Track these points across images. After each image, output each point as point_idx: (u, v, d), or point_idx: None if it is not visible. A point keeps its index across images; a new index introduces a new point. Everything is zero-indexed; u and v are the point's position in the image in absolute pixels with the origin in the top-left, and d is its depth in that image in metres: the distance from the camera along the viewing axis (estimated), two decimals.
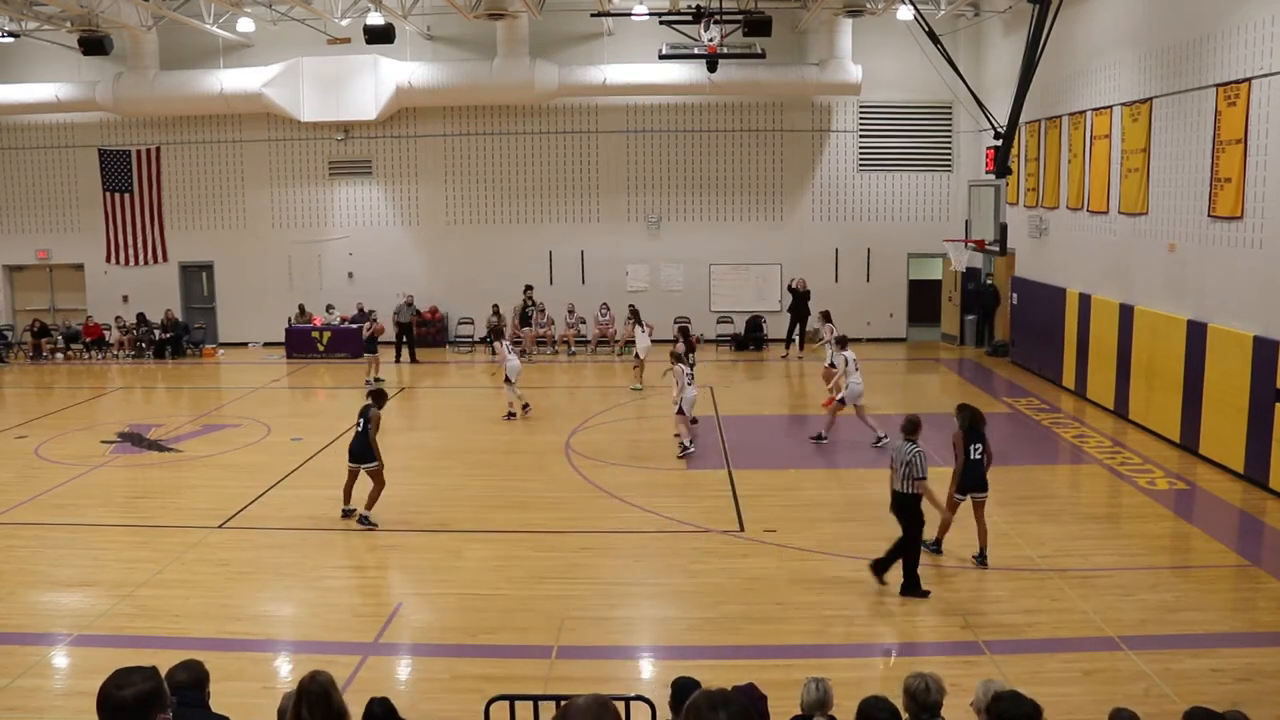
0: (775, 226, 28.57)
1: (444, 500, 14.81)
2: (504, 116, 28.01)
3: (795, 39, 27.18)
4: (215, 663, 5.99)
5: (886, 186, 28.57)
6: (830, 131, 28.39)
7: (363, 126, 27.83)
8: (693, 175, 28.37)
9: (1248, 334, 15.16)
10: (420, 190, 28.43)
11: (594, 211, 28.47)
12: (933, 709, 5.74)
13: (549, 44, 26.93)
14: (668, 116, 28.14)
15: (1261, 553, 12.88)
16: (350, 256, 28.56)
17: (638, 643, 10.31)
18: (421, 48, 27.04)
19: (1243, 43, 15.39)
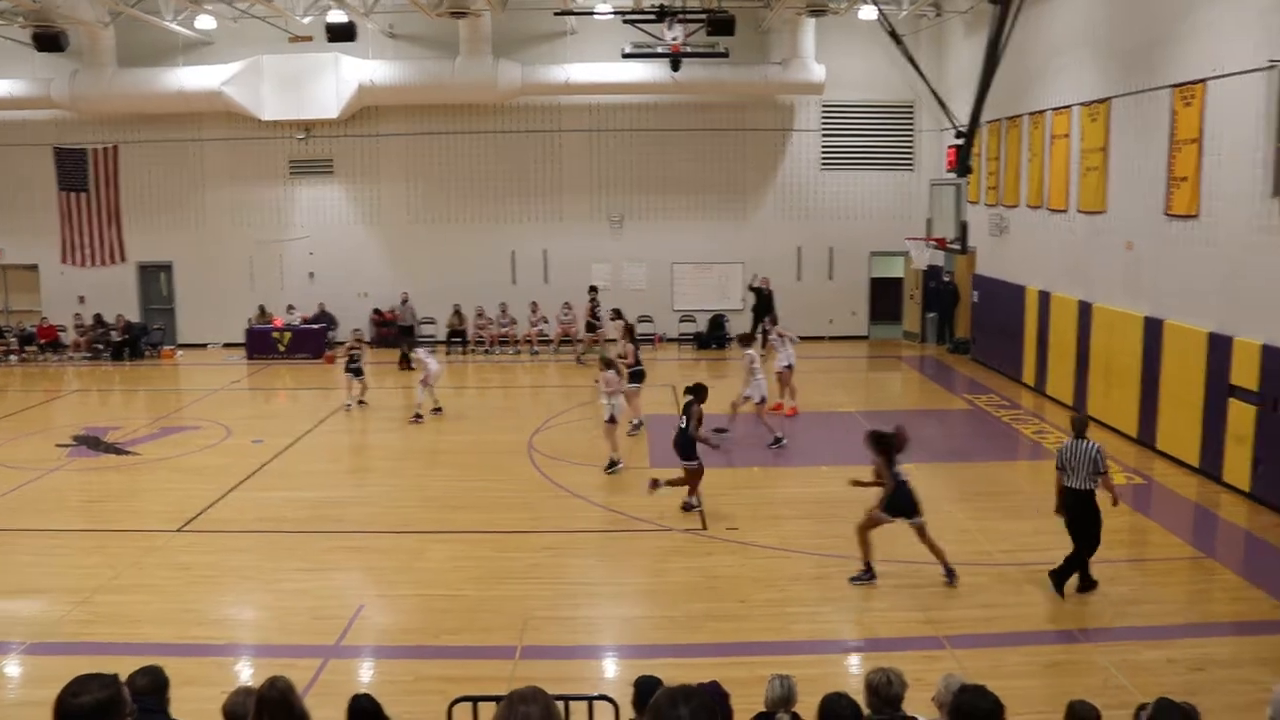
0: (738, 225, 28.64)
1: (406, 501, 14.74)
2: (467, 115, 27.90)
3: (758, 38, 27.24)
4: (175, 668, 5.93)
5: (849, 185, 28.70)
6: (793, 130, 28.49)
7: (324, 125, 27.63)
8: (656, 174, 28.39)
9: (1202, 330, 15.36)
10: (382, 190, 28.27)
11: (557, 211, 28.42)
12: (895, 703, 5.78)
13: (512, 43, 26.85)
14: (631, 116, 28.14)
15: (1215, 545, 13.08)
16: (311, 256, 28.33)
17: (601, 642, 10.31)
18: (383, 46, 26.89)
19: (1197, 45, 15.60)
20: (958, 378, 23.73)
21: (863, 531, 11.51)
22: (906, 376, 24.43)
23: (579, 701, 7.07)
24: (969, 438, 18.30)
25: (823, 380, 22.46)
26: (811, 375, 22.99)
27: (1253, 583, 11.46)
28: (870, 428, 12.11)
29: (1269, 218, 13.93)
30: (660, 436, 17.96)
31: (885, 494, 11.39)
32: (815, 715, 5.61)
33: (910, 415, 19.47)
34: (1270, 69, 13.61)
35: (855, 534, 11.55)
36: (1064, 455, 11.05)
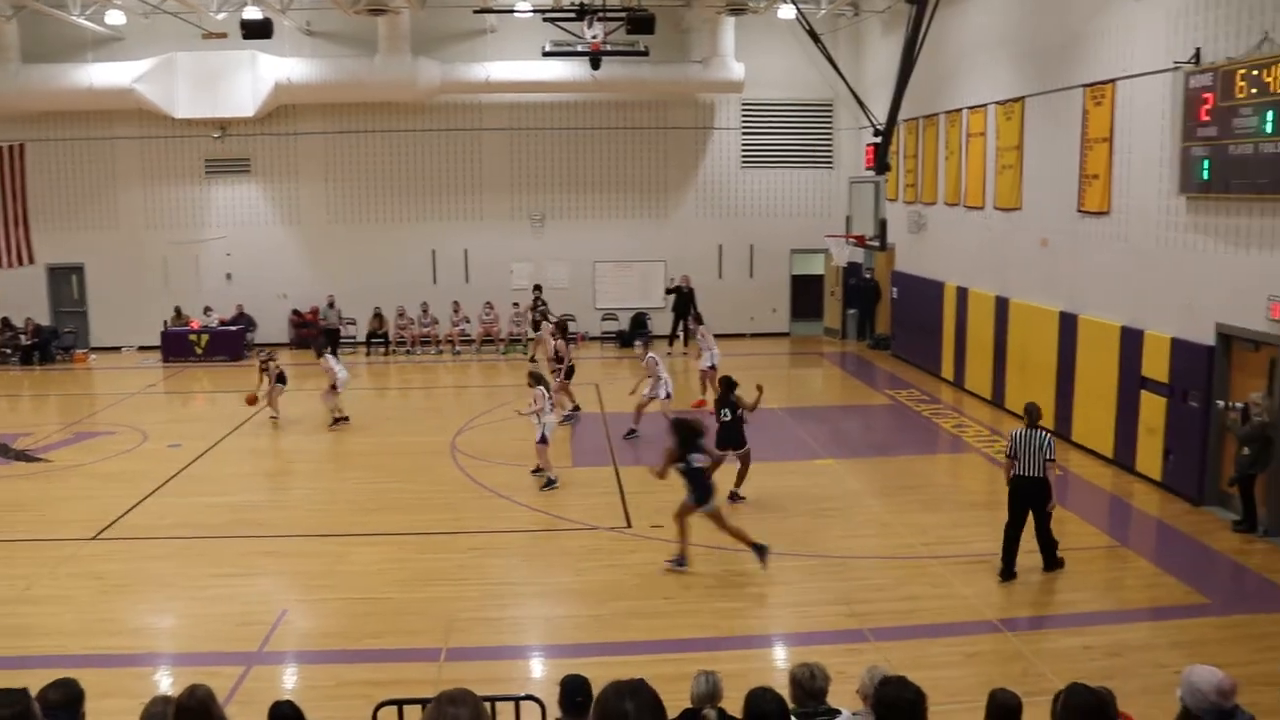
0: (659, 224, 28.72)
1: (328, 504, 14.57)
2: (386, 114, 27.61)
3: (678, 37, 27.32)
4: (91, 680, 5.79)
5: (769, 183, 28.94)
6: (713, 129, 28.64)
7: (240, 124, 27.13)
8: (577, 173, 28.36)
9: (1115, 325, 15.73)
10: (301, 189, 27.86)
11: (478, 210, 28.26)
12: (819, 696, 5.83)
13: (431, 40, 26.62)
14: (551, 114, 28.07)
15: (1129, 534, 13.42)
16: (229, 257, 27.81)
17: (527, 642, 10.29)
18: (301, 43, 26.49)
19: (1107, 46, 15.97)
20: (878, 373, 24.03)
21: (679, 519, 11.79)
22: (828, 373, 24.69)
23: (505, 702, 7.04)
24: (889, 432, 18.55)
25: (745, 378, 22.43)
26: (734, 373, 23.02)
27: (1165, 569, 11.77)
28: (676, 416, 12.71)
29: (1176, 214, 14.31)
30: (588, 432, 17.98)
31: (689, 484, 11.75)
32: (741, 710, 5.65)
33: (832, 411, 19.71)
34: (1175, 70, 13.97)
35: (673, 521, 11.85)
36: (1016, 444, 11.36)
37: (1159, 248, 14.76)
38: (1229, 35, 13.05)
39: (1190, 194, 13.89)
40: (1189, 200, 14.00)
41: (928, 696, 5.43)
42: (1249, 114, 12.43)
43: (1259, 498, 12.81)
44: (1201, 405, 13.84)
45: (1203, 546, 12.54)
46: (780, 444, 17.08)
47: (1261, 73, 12.16)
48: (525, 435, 18.05)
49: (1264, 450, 12.48)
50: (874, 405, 20.64)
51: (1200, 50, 13.52)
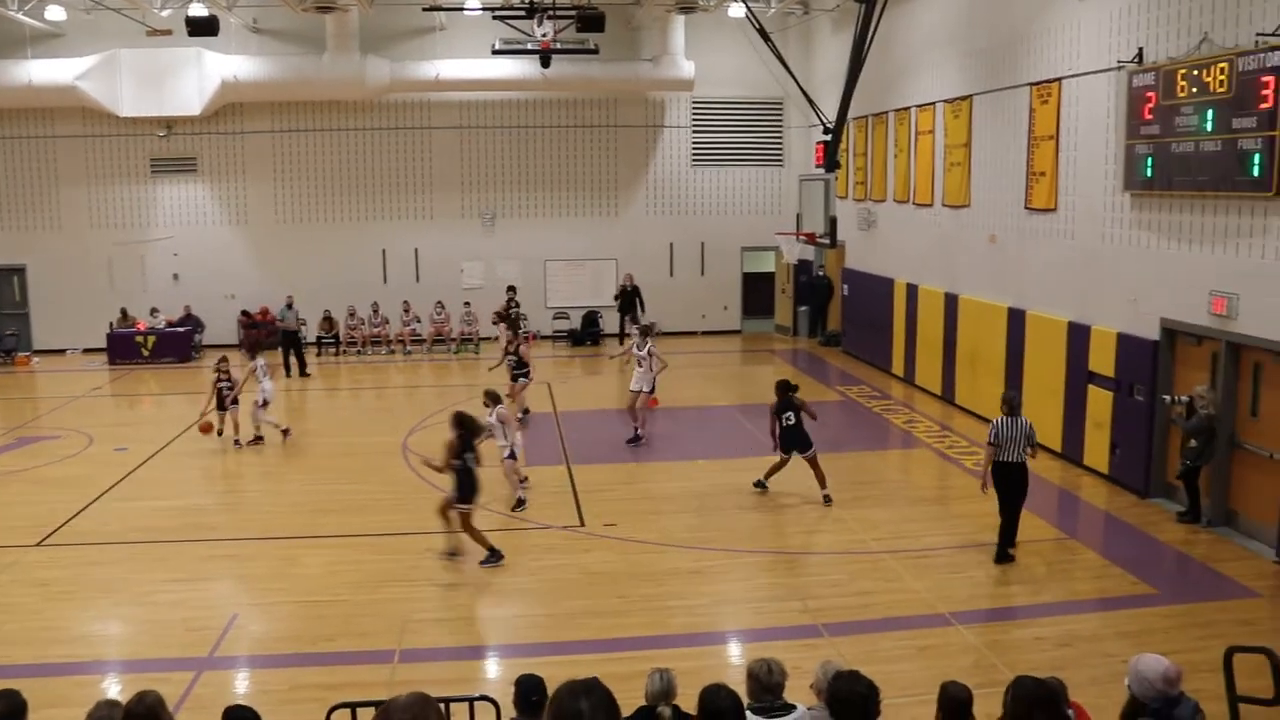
0: (610, 222, 28.72)
1: (279, 506, 14.44)
2: (335, 112, 27.40)
3: (629, 35, 27.32)
4: (34, 690, 5.71)
5: (720, 181, 29.03)
6: (664, 127, 28.67)
7: (186, 122, 26.79)
8: (527, 171, 28.29)
9: (1062, 320, 15.93)
10: (248, 188, 27.56)
11: (428, 209, 28.11)
12: (775, 691, 5.86)
13: (380, 38, 26.43)
14: (502, 112, 27.98)
15: (1078, 526, 13.59)
16: (176, 257, 27.46)
17: (481, 642, 10.28)
18: (247, 41, 26.19)
19: (1052, 45, 16.17)
20: (830, 370, 24.18)
21: (466, 527, 11.96)
22: (780, 370, 24.77)
23: (460, 703, 7.00)
24: (841, 428, 18.64)
25: (697, 375, 22.66)
26: (685, 370, 23.18)
27: (1112, 561, 11.95)
28: (459, 409, 12.71)
29: (1121, 211, 14.51)
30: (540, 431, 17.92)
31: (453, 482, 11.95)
32: (696, 707, 5.66)
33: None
34: (1119, 70, 14.17)
35: (462, 530, 11.98)
36: (999, 432, 11.65)
37: (1105, 244, 14.97)
38: (1170, 35, 13.26)
39: (1134, 191, 14.09)
40: (1133, 197, 14.21)
41: (880, 690, 5.48)
42: (1190, 113, 12.63)
43: (1203, 489, 13.04)
44: (1147, 399, 14.06)
45: (1149, 538, 12.74)
46: (731, 441, 17.13)
47: (1201, 72, 12.37)
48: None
49: (1209, 443, 12.70)
50: (826, 402, 20.71)
51: (1143, 50, 13.73)
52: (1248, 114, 11.70)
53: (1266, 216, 11.76)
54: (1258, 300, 11.99)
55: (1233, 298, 12.33)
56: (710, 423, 18.91)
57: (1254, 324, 12.11)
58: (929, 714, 6.19)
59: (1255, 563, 11.81)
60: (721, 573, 11.68)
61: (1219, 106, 12.14)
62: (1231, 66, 11.89)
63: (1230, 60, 11.92)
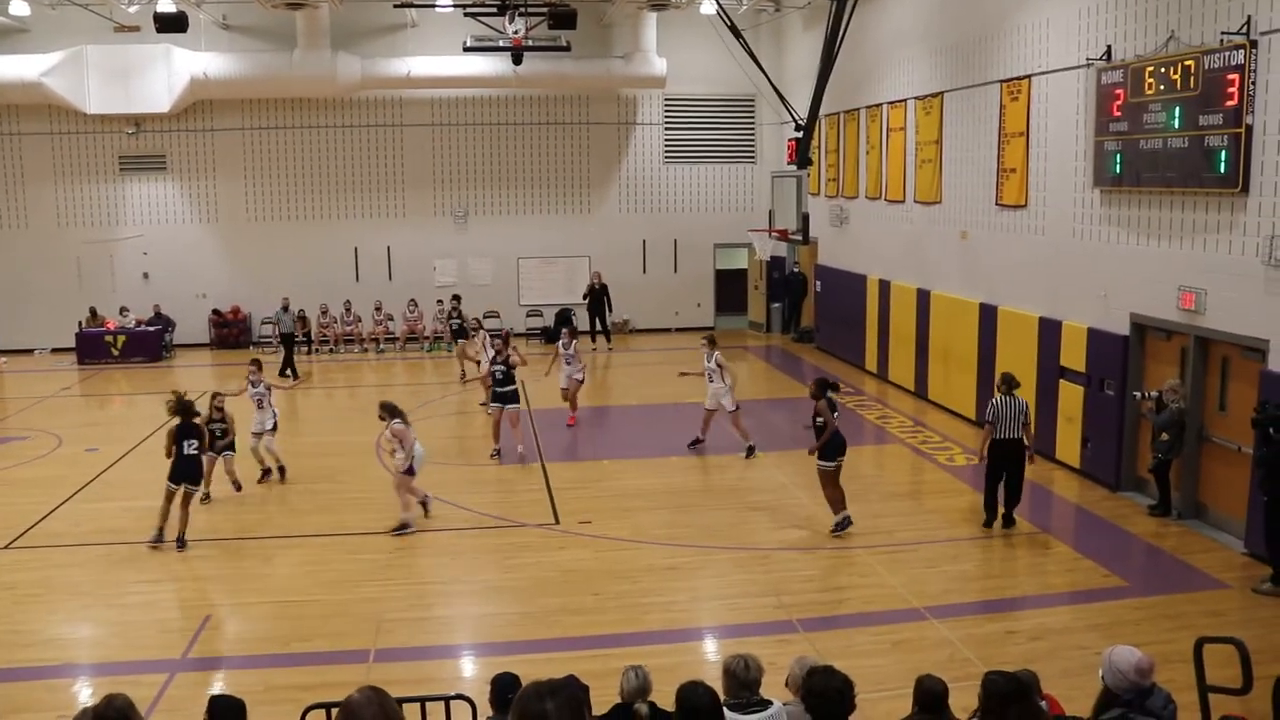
0: (582, 219, 28.70)
1: (251, 506, 14.34)
2: (305, 109, 27.25)
3: (600, 32, 27.30)
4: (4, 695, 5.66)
5: (692, 178, 29.07)
6: (636, 124, 28.68)
7: (155, 120, 26.57)
8: (499, 168, 28.23)
9: (1033, 315, 16.04)
10: (219, 186, 27.36)
11: (399, 206, 28.01)
12: (752, 687, 5.88)
13: (351, 35, 26.30)
14: (473, 109, 27.91)
15: (1050, 520, 13.69)
16: (145, 256, 27.24)
17: (456, 641, 10.24)
18: (217, 37, 26.01)
19: (1022, 42, 16.27)
20: (803, 366, 24.24)
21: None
22: (753, 366, 24.82)
23: (435, 702, 6.99)
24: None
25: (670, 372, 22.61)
26: (659, 367, 23.22)
27: (1084, 554, 12.05)
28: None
29: (1091, 207, 14.62)
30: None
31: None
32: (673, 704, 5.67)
33: (758, 404, 19.80)
34: (1088, 67, 14.27)
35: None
36: (997, 410, 12.62)
37: (1075, 240, 15.07)
38: (1138, 33, 13.37)
39: (1104, 187, 14.20)
40: (1103, 193, 14.32)
41: (855, 685, 5.51)
42: (1158, 110, 12.74)
43: (1173, 482, 13.16)
44: (1117, 394, 14.17)
45: (1120, 531, 12.85)
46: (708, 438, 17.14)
47: (1169, 70, 12.48)
48: (450, 434, 18.01)
49: (1179, 436, 12.82)
50: (799, 398, 20.67)
51: (1111, 48, 13.84)
52: (1214, 111, 11.82)
53: (1233, 212, 11.88)
54: (1225, 295, 12.11)
55: (1201, 293, 12.45)
56: (684, 420, 18.90)
57: (1222, 318, 12.23)
58: (904, 708, 6.23)
59: (1224, 554, 11.94)
60: (696, 569, 11.70)
61: (1186, 104, 12.25)
62: (1198, 64, 12.00)
63: (1196, 58, 12.03)
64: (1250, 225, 11.63)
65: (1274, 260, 11.24)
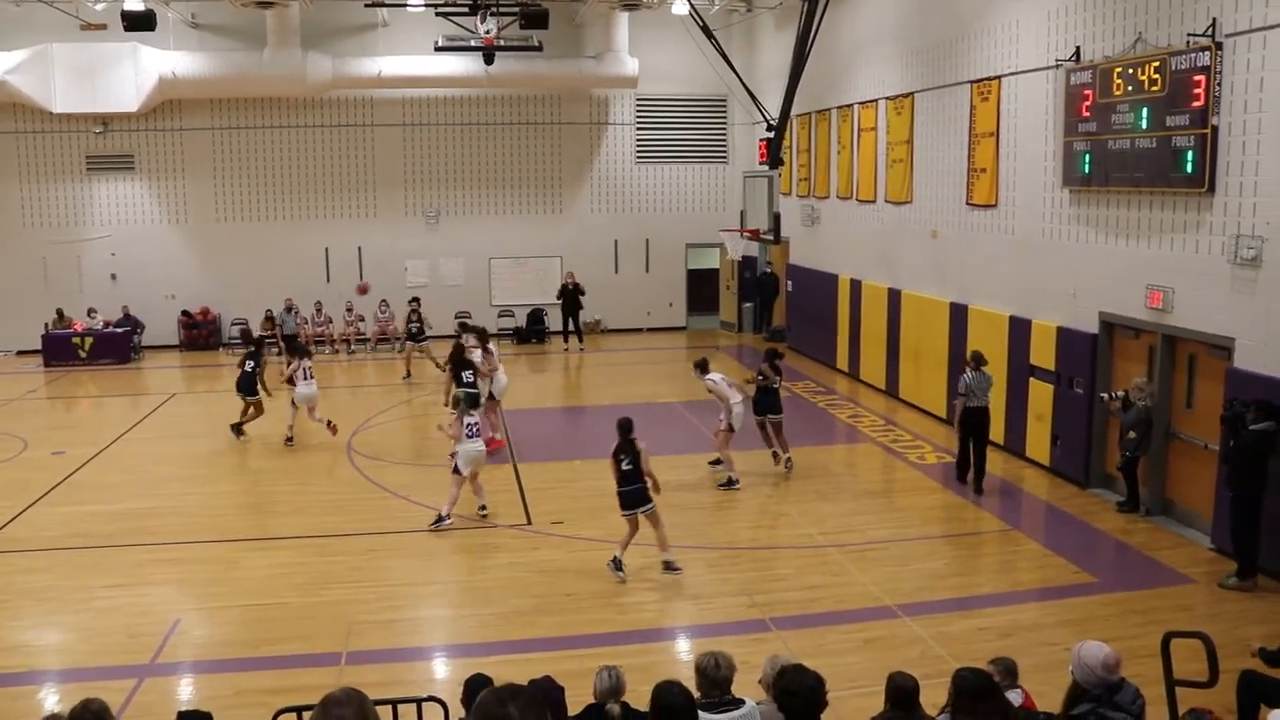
0: (554, 219, 28.66)
1: (221, 509, 14.23)
2: (276, 109, 27.09)
3: (572, 32, 27.27)
4: None
5: (664, 178, 29.09)
6: (608, 124, 28.67)
7: (123, 119, 26.33)
8: (471, 168, 28.16)
9: (1004, 314, 16.14)
10: (188, 186, 27.15)
11: (371, 207, 27.89)
12: (723, 685, 5.89)
13: (322, 35, 26.15)
14: (445, 109, 27.82)
15: (1020, 517, 13.80)
16: (113, 257, 26.98)
17: (429, 643, 10.20)
18: (186, 36, 25.81)
19: (992, 43, 16.37)
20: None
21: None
22: (725, 366, 24.81)
23: (408, 704, 6.96)
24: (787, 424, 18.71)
25: (643, 372, 22.72)
26: (632, 367, 23.24)
27: (1053, 551, 12.14)
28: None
29: (1060, 207, 14.73)
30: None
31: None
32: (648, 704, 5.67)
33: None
34: (1057, 68, 14.37)
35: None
36: (969, 383, 14.30)
37: (1044, 239, 15.17)
38: (1106, 35, 13.48)
39: (1073, 187, 14.31)
40: (1072, 193, 14.42)
41: (827, 682, 5.52)
42: (1126, 110, 12.85)
43: (1141, 479, 13.27)
44: (1086, 392, 14.28)
45: (1089, 527, 12.95)
46: (677, 437, 17.15)
47: (1136, 71, 12.59)
48: (421, 435, 17.95)
49: (1147, 434, 12.93)
50: None
51: (1080, 49, 13.94)
52: (1181, 112, 11.93)
53: (1200, 212, 11.99)
54: (1192, 294, 12.22)
55: (1168, 291, 12.56)
56: (656, 419, 18.90)
57: (1188, 317, 12.34)
58: (877, 705, 6.26)
59: (1191, 550, 12.06)
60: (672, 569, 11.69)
61: (1153, 104, 12.36)
62: (1165, 65, 12.12)
63: (1163, 59, 12.14)
64: (1216, 224, 11.75)
65: (1240, 259, 11.36)
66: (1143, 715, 6.00)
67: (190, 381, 24.05)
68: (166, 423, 19.45)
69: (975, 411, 14.35)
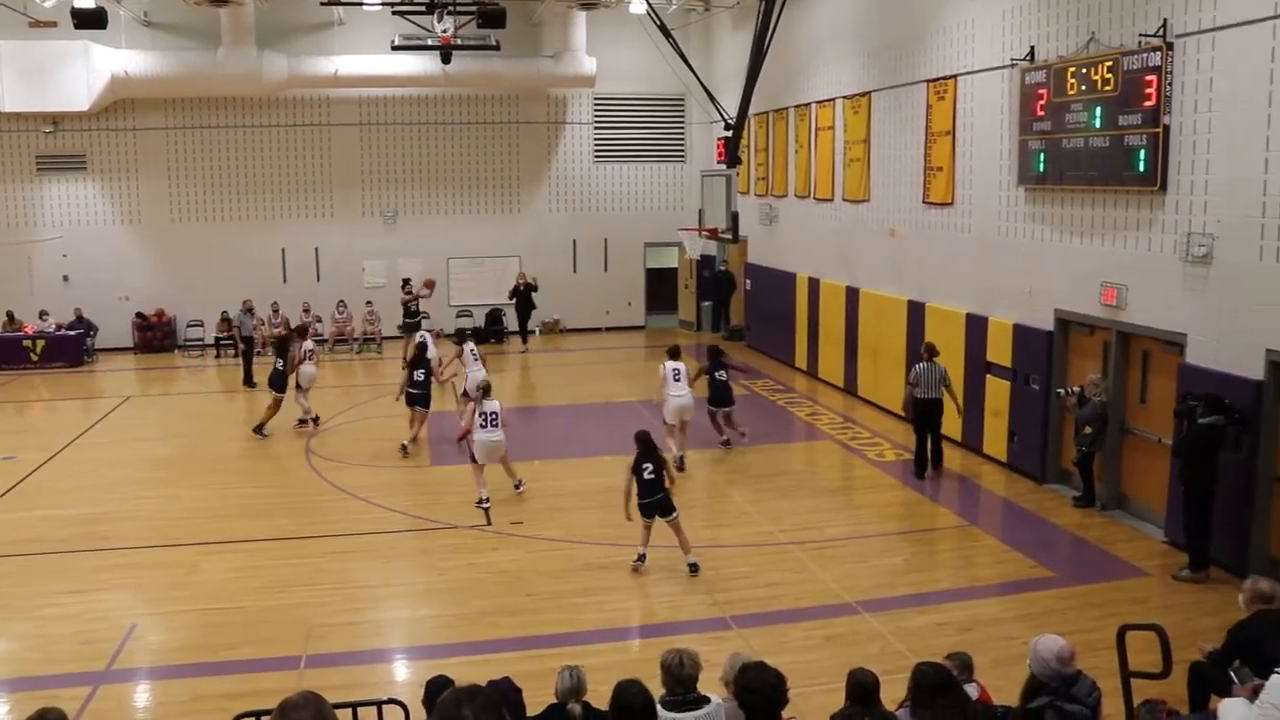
0: (512, 219, 28.60)
1: (177, 513, 14.05)
2: (231, 109, 26.83)
3: (530, 31, 27.21)
4: None
5: (622, 177, 29.09)
6: (566, 123, 28.64)
7: (74, 118, 25.95)
8: (429, 168, 28.03)
9: (961, 312, 16.26)
10: (142, 186, 26.82)
11: (328, 207, 27.69)
12: (687, 683, 5.91)
13: (277, 33, 25.91)
14: (402, 109, 27.68)
15: (978, 513, 13.92)
16: (65, 258, 26.59)
17: (390, 645, 10.14)
18: (139, 35, 25.49)
19: (948, 43, 16.50)
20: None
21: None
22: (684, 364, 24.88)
23: (368, 707, 6.92)
24: (745, 422, 18.75)
25: (601, 371, 22.71)
26: (591, 367, 23.23)
27: (1011, 546, 12.26)
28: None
29: (1016, 205, 14.86)
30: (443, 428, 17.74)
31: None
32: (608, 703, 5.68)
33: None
34: (1011, 67, 14.51)
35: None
36: (920, 374, 14.79)
37: (1000, 237, 15.31)
38: (1060, 35, 13.62)
39: (1028, 185, 14.45)
40: (1027, 191, 14.56)
41: (788, 679, 5.55)
42: (1080, 109, 12.99)
43: (1097, 474, 13.42)
44: (1043, 388, 14.41)
45: (1046, 522, 13.09)
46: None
47: (1090, 71, 12.73)
48: (380, 436, 17.84)
49: (1102, 429, 13.08)
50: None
51: (1034, 49, 14.07)
52: (1133, 111, 12.07)
53: (1152, 210, 12.15)
54: (1145, 291, 12.38)
55: (1122, 288, 12.71)
56: (615, 418, 18.91)
57: (1142, 313, 12.49)
58: (838, 701, 6.29)
59: (1146, 543, 12.22)
60: (629, 568, 11.69)
61: (1107, 104, 12.50)
62: (1117, 65, 12.26)
63: (1116, 59, 12.29)
64: (1169, 222, 11.90)
65: (1191, 257, 11.51)
66: (1099, 707, 6.08)
67: (145, 384, 23.77)
68: (121, 426, 19.20)
69: (925, 404, 14.79)
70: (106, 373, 24.72)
